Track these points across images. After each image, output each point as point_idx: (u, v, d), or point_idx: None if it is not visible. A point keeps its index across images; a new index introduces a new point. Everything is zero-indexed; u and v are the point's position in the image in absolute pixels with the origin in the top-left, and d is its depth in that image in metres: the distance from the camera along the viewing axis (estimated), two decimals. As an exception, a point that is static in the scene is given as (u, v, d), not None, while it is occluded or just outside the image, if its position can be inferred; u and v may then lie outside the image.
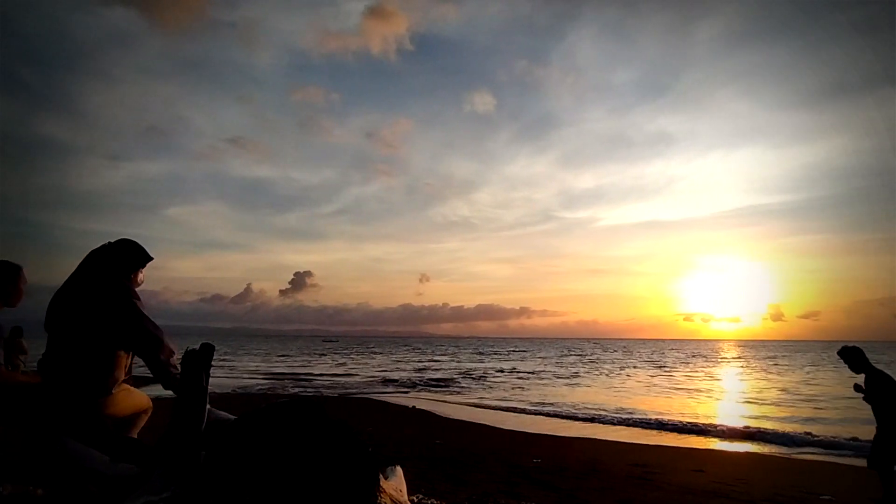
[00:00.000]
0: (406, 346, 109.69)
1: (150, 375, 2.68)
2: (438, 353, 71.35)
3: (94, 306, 2.63)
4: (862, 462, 9.73)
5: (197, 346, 2.30)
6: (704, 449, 11.08)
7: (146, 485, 2.10)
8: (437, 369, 38.03)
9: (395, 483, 2.92)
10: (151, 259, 2.92)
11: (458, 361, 48.76)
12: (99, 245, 2.84)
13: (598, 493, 6.26)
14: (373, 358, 54.41)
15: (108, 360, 2.61)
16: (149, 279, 2.97)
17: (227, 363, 39.85)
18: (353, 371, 35.54)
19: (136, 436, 2.96)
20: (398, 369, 37.72)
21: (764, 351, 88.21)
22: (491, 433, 12.04)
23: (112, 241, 2.86)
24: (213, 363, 2.33)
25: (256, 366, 38.98)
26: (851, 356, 6.16)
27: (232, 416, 2.64)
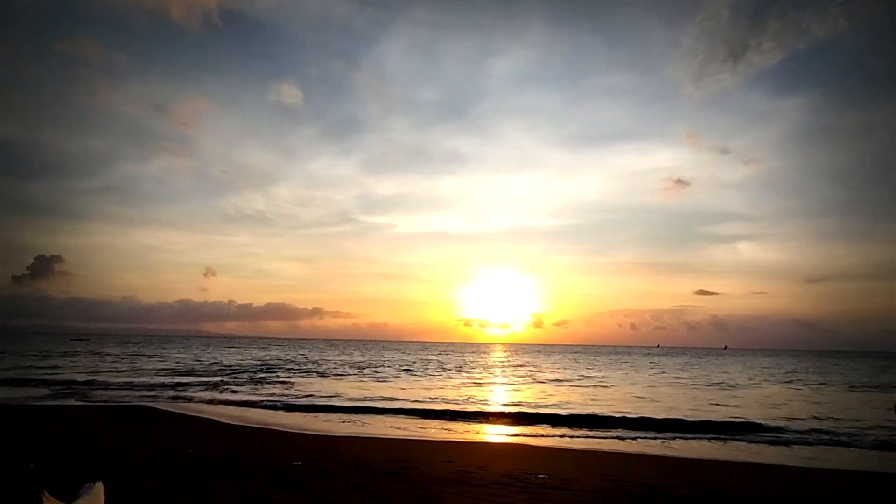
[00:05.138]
0: (180, 345, 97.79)
1: None
2: (218, 351, 65.32)
3: None
4: (573, 445, 11.73)
5: None
6: (457, 441, 12.30)
7: None
8: (212, 369, 34.75)
9: (86, 503, 2.61)
10: None
11: (238, 360, 45.30)
12: None
13: (350, 490, 6.46)
14: (135, 358, 47.14)
15: None
16: None
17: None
18: (110, 373, 30.28)
19: None
20: (165, 370, 33.38)
21: (529, 354, 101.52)
22: (257, 436, 11.50)
23: None
24: None
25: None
26: None
27: None
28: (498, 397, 22.76)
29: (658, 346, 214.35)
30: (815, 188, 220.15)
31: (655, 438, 13.40)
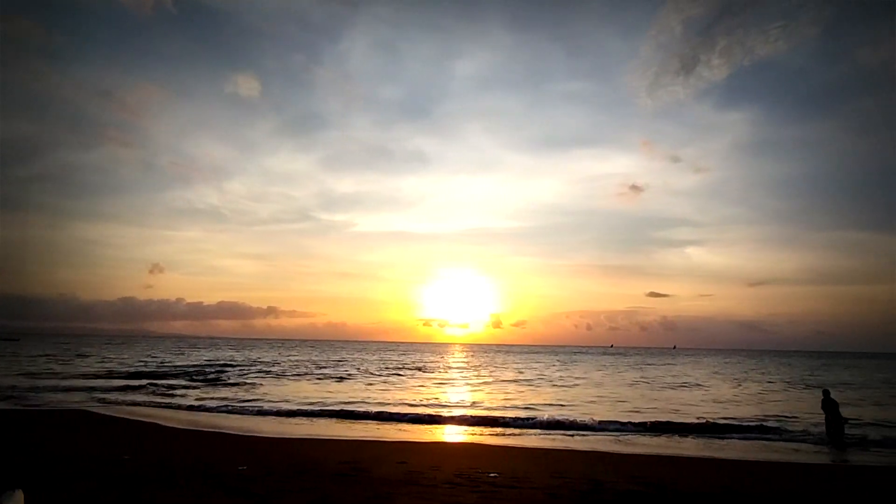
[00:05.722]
0: (123, 344, 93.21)
1: None
2: (165, 352, 62.64)
3: None
4: (523, 442, 11.82)
5: None
6: (411, 442, 12.23)
7: None
8: (159, 370, 33.28)
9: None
10: None
11: (187, 361, 43.56)
12: None
13: (295, 494, 6.30)
14: (73, 359, 44.56)
15: None
16: None
17: None
18: (46, 375, 28.50)
19: None
20: (106, 372, 31.74)
21: (488, 354, 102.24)
22: (202, 440, 11.08)
23: None
24: None
25: None
26: None
27: None
28: (455, 398, 22.81)
29: (612, 346, 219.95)
30: (757, 197, 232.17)
31: (604, 436, 13.76)
